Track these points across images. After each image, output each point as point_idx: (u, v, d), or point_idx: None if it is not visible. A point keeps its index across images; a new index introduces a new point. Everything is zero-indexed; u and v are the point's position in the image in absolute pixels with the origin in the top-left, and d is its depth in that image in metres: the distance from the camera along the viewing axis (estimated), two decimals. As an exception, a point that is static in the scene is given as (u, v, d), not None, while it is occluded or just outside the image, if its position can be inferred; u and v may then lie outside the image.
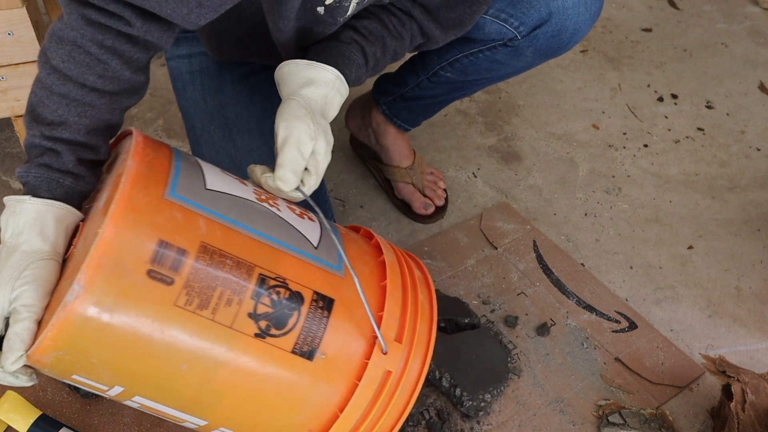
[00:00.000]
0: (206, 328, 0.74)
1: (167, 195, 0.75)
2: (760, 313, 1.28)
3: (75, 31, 0.81)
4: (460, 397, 1.10)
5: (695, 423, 1.12)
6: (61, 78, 0.82)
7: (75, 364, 0.74)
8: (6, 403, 1.05)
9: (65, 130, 0.83)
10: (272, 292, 0.77)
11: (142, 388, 0.78)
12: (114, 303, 0.70)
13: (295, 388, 0.79)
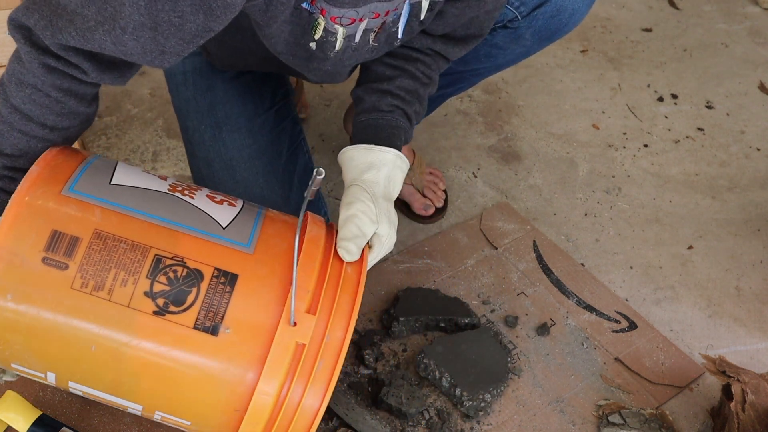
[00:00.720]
0: (104, 308, 0.79)
1: (65, 191, 0.82)
2: (760, 313, 1.28)
3: (35, 77, 0.83)
4: (460, 397, 1.10)
5: (695, 423, 1.12)
6: (23, 118, 0.85)
7: (5, 352, 0.82)
8: (6, 403, 1.05)
9: (25, 161, 0.87)
10: (169, 270, 0.80)
11: (68, 372, 0.83)
12: (16, 290, 0.78)
13: (205, 365, 0.80)
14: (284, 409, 0.80)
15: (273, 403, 0.79)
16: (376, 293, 1.30)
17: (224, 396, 0.81)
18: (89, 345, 0.80)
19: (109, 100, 1.74)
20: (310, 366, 0.80)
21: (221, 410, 0.82)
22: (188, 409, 0.84)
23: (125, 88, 1.78)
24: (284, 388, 0.79)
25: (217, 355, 0.79)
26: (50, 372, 0.84)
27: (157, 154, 1.60)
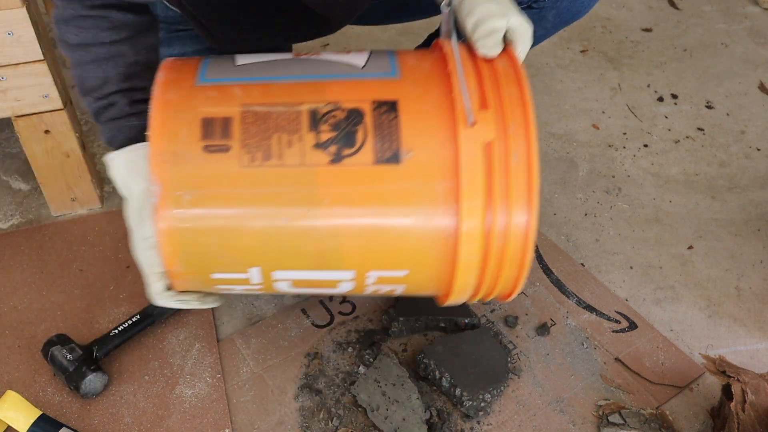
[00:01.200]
0: (281, 174, 0.78)
1: (198, 82, 0.83)
2: (760, 313, 1.28)
3: (69, 8, 0.89)
4: (460, 397, 1.10)
5: (695, 423, 1.12)
6: (83, 48, 0.90)
7: (202, 261, 0.82)
8: (6, 403, 1.05)
9: (110, 85, 0.91)
10: (328, 117, 0.79)
11: (269, 260, 0.82)
12: (190, 187, 0.78)
13: (398, 196, 0.77)
14: (496, 213, 0.76)
15: (482, 206, 0.76)
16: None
17: (430, 221, 0.77)
18: (280, 219, 0.78)
19: (109, 100, 1.74)
20: (504, 163, 0.76)
21: (433, 238, 0.78)
22: (400, 255, 0.80)
23: (125, 88, 1.77)
24: (487, 192, 0.75)
25: (409, 181, 0.76)
26: (252, 267, 0.83)
27: (157, 154, 1.60)
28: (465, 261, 0.79)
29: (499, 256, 0.80)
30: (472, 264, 0.80)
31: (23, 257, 1.36)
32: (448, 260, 0.80)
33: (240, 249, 0.82)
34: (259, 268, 0.84)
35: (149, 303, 1.25)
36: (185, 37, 1.20)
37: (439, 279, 0.83)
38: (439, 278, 0.83)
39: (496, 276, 0.83)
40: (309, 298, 1.29)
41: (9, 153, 1.60)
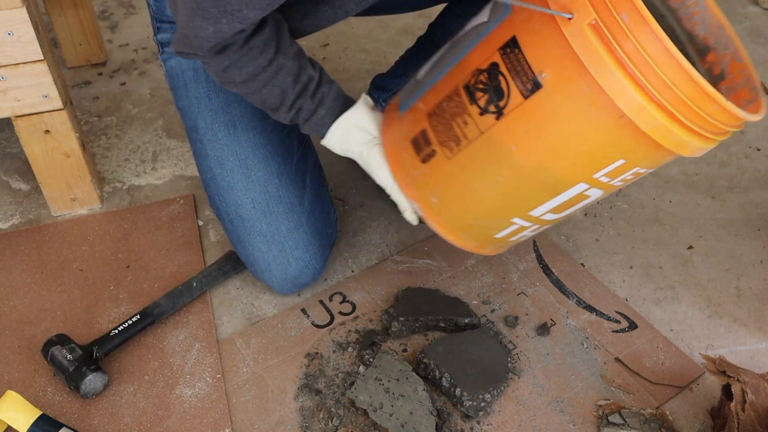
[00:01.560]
0: (473, 149, 0.96)
1: (399, 114, 1.06)
2: (760, 313, 1.28)
3: (222, 60, 0.98)
4: (460, 397, 1.10)
5: (695, 423, 1.12)
6: (251, 80, 1.02)
7: (467, 232, 1.08)
8: (6, 403, 1.05)
9: (289, 96, 1.05)
10: (477, 84, 0.94)
11: (519, 208, 1.02)
12: (432, 191, 1.03)
13: (559, 111, 0.88)
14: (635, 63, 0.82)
15: (620, 72, 0.82)
16: (376, 293, 1.30)
17: (607, 112, 0.85)
18: (497, 179, 0.97)
19: (109, 100, 1.75)
20: (616, 24, 0.81)
21: (613, 122, 0.85)
22: (599, 153, 0.90)
23: (125, 89, 1.78)
24: (616, 59, 0.82)
25: (557, 95, 0.86)
26: (513, 218, 1.04)
27: (157, 154, 1.60)
28: (648, 118, 0.85)
29: (666, 85, 0.84)
30: (657, 116, 0.85)
31: (23, 257, 1.36)
32: (639, 131, 0.86)
33: (490, 215, 1.03)
34: (518, 218, 1.03)
35: (149, 303, 1.25)
36: None
37: (654, 145, 0.89)
38: (654, 144, 0.88)
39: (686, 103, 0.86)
40: (309, 298, 1.29)
41: (9, 153, 1.60)
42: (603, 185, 0.96)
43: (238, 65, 0.99)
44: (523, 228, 1.06)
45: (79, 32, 1.77)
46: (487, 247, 1.13)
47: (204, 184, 1.27)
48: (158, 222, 1.43)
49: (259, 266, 1.24)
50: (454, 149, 0.98)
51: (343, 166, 1.55)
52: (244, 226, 1.22)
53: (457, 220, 1.06)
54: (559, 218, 1.05)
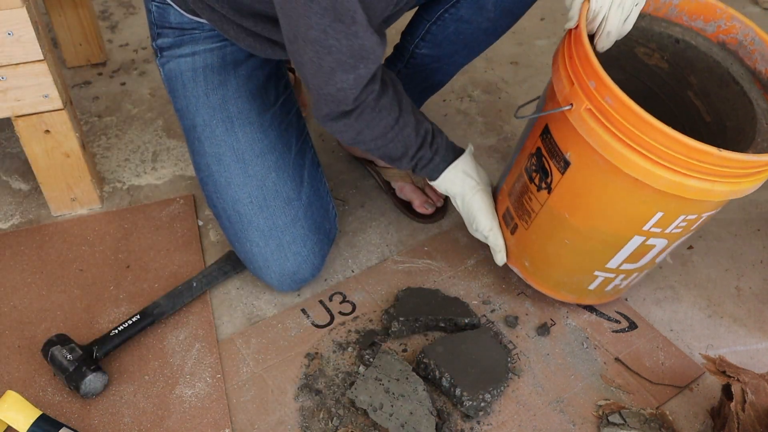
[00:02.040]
0: (541, 220, 1.13)
1: (497, 193, 1.26)
2: (760, 313, 1.28)
3: (357, 125, 1.08)
4: (461, 397, 1.10)
5: (695, 423, 1.12)
6: (381, 138, 1.12)
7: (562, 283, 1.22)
8: (6, 403, 1.05)
9: (411, 149, 1.16)
10: (530, 167, 1.12)
11: (586, 268, 1.17)
12: (523, 255, 1.22)
13: (590, 184, 1.03)
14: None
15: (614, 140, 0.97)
16: (376, 293, 1.30)
17: (622, 178, 0.99)
18: (564, 242, 1.13)
19: (109, 100, 1.74)
20: (603, 102, 0.95)
21: (631, 185, 0.99)
22: (633, 206, 1.02)
23: (125, 89, 1.78)
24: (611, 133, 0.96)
25: (585, 167, 1.02)
26: (596, 271, 1.16)
27: (157, 154, 1.60)
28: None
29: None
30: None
31: (23, 257, 1.36)
32: (657, 189, 0.99)
33: (573, 271, 1.18)
34: (598, 271, 1.15)
35: (149, 303, 1.25)
36: (198, 39, 1.21)
37: (678, 197, 1.00)
38: (677, 197, 1.00)
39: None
40: (309, 298, 1.29)
41: (9, 153, 1.60)
42: (660, 235, 1.06)
43: (371, 126, 1.08)
44: (610, 279, 1.17)
45: (79, 32, 1.77)
46: (587, 298, 1.24)
47: (201, 183, 1.27)
48: (158, 222, 1.43)
49: (257, 263, 1.24)
50: (528, 221, 1.15)
51: (343, 166, 1.55)
52: (241, 222, 1.23)
53: (549, 279, 1.21)
54: (640, 266, 1.15)
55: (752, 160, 0.94)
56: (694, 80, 1.14)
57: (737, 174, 0.95)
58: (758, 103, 1.06)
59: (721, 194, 0.97)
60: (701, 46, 1.12)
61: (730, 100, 1.10)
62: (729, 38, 1.11)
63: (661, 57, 1.15)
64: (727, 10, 1.11)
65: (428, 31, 1.29)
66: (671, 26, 1.13)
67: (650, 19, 1.12)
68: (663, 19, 1.13)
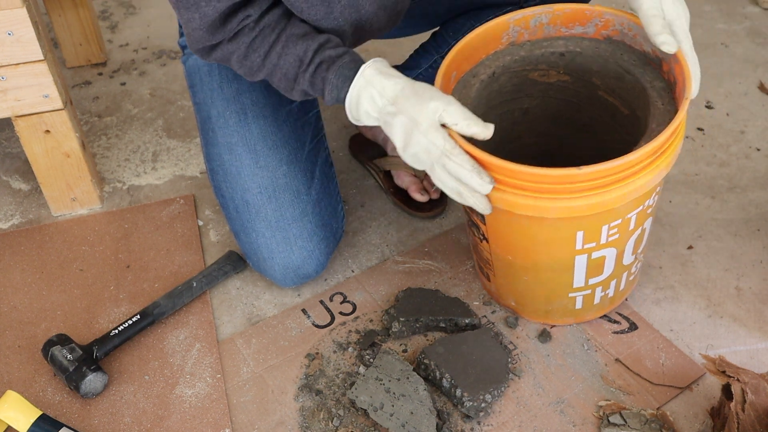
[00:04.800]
0: (496, 264, 1.16)
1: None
2: (760, 313, 1.28)
3: (238, 48, 1.06)
4: (461, 398, 1.10)
5: (695, 423, 1.12)
6: (268, 58, 1.06)
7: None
8: (6, 403, 1.05)
9: (306, 55, 1.04)
10: (469, 223, 1.15)
11: (559, 293, 1.17)
12: (497, 293, 1.25)
13: (505, 226, 1.07)
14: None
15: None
16: (376, 293, 1.30)
17: (515, 214, 1.01)
18: (524, 279, 1.15)
19: (109, 100, 1.74)
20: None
21: (529, 218, 1.01)
22: (552, 235, 1.05)
23: (125, 89, 1.78)
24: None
25: (491, 214, 1.03)
26: (570, 294, 1.16)
27: (157, 154, 1.60)
28: None
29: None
30: None
31: (23, 257, 1.36)
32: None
33: (550, 299, 1.19)
34: (571, 293, 1.16)
35: (149, 303, 1.25)
36: None
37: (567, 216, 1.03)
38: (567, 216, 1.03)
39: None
40: (309, 299, 1.29)
41: (9, 153, 1.60)
42: (600, 247, 1.07)
43: (253, 47, 1.05)
44: (590, 295, 1.17)
45: (79, 32, 1.77)
46: (584, 315, 1.23)
47: (211, 173, 1.28)
48: (158, 222, 1.43)
49: (261, 254, 1.24)
50: (491, 269, 1.18)
51: (343, 166, 1.55)
52: (249, 212, 1.23)
53: (537, 310, 1.22)
54: (610, 275, 1.14)
55: (615, 166, 0.94)
56: (598, 81, 1.16)
57: (618, 179, 0.96)
58: (653, 85, 1.07)
59: (618, 199, 0.98)
60: (587, 50, 1.14)
61: (630, 91, 1.12)
62: (611, 31, 1.13)
63: (558, 72, 1.17)
64: (595, 8, 1.12)
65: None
66: (553, 42, 1.15)
67: (530, 45, 1.15)
68: (544, 39, 1.15)
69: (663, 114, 1.03)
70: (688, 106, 0.98)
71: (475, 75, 1.14)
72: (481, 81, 1.13)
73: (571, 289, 1.15)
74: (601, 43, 1.13)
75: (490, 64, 1.14)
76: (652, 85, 1.07)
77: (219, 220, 1.44)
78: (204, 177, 1.53)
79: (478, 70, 1.14)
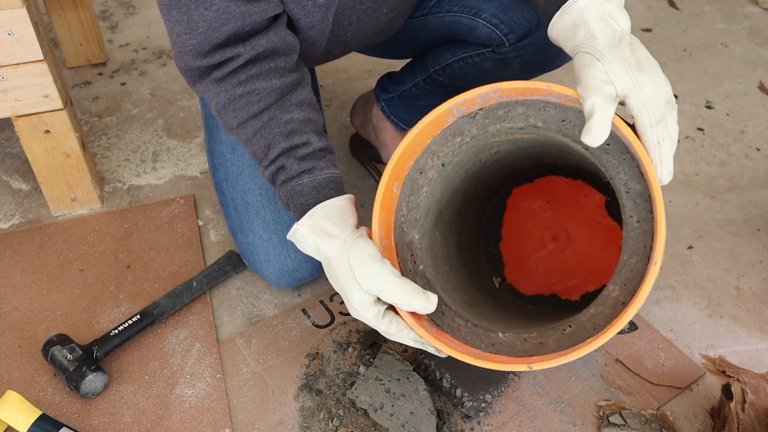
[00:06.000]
0: None
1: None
2: (760, 313, 1.28)
3: (221, 92, 1.00)
4: (461, 398, 1.10)
5: (695, 423, 1.12)
6: (243, 126, 1.02)
7: None
8: (6, 403, 1.05)
9: (274, 149, 1.00)
10: None
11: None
12: None
13: None
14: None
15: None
16: (376, 293, 1.30)
17: None
18: None
19: (109, 100, 1.74)
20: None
21: None
22: None
23: (125, 89, 1.78)
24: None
25: None
26: None
27: (157, 154, 1.60)
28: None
29: None
30: None
31: (23, 257, 1.36)
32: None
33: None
34: None
35: (149, 303, 1.25)
36: None
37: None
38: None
39: None
40: (309, 299, 1.29)
41: (9, 153, 1.60)
42: None
43: (236, 107, 1.01)
44: None
45: (79, 32, 1.77)
46: None
47: (213, 170, 1.28)
48: (158, 222, 1.43)
49: (258, 256, 1.24)
50: None
51: (343, 166, 1.55)
52: (248, 212, 1.23)
53: None
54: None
55: (565, 357, 0.87)
56: (569, 157, 1.02)
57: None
58: (628, 189, 0.88)
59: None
60: (551, 123, 0.92)
61: (607, 184, 1.03)
62: (578, 104, 0.88)
63: (523, 136, 0.98)
64: (553, 89, 0.88)
65: (450, 65, 1.29)
66: (511, 110, 0.94)
67: (482, 115, 0.96)
68: (498, 105, 0.95)
69: (637, 238, 0.86)
70: (657, 272, 0.82)
71: (421, 171, 0.99)
72: (430, 179, 0.99)
73: None
74: (569, 112, 0.90)
75: (438, 150, 0.98)
76: (628, 189, 0.87)
77: (219, 220, 1.44)
78: (204, 177, 1.53)
79: (424, 163, 0.99)
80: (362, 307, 0.92)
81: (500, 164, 1.10)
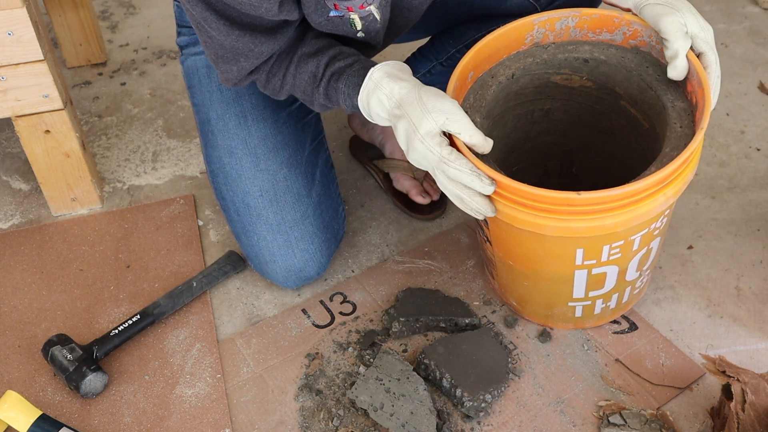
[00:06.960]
0: (498, 266, 1.17)
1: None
2: (760, 313, 1.28)
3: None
4: (461, 398, 1.10)
5: (695, 423, 1.12)
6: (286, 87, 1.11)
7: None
8: (6, 403, 1.05)
9: (319, 69, 1.07)
10: (477, 223, 1.14)
11: (558, 301, 1.18)
12: (500, 292, 1.27)
13: (506, 235, 1.07)
14: None
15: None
16: (376, 293, 1.30)
17: (518, 228, 1.01)
18: (524, 284, 1.16)
19: (109, 100, 1.74)
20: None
21: (530, 232, 1.01)
22: (551, 249, 1.05)
23: (125, 88, 1.78)
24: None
25: (495, 222, 1.03)
26: (569, 303, 1.15)
27: (157, 154, 1.60)
28: None
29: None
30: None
31: (23, 257, 1.36)
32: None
33: (550, 306, 1.20)
34: (571, 302, 1.16)
35: (149, 303, 1.25)
36: None
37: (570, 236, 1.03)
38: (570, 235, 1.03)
39: None
40: (309, 299, 1.29)
41: (9, 153, 1.60)
42: (600, 264, 1.06)
43: (273, 72, 1.09)
44: (590, 306, 1.16)
45: (79, 32, 1.77)
46: (584, 323, 1.22)
47: (211, 175, 1.28)
48: (158, 222, 1.43)
49: (263, 257, 1.24)
50: (494, 269, 1.19)
51: (343, 166, 1.55)
52: (250, 215, 1.23)
53: (537, 313, 1.22)
54: (611, 289, 1.13)
55: (615, 195, 0.93)
56: (621, 90, 1.13)
57: (619, 206, 0.95)
58: (674, 105, 1.05)
59: (619, 224, 0.97)
60: (612, 58, 1.11)
61: (652, 107, 1.09)
62: (639, 41, 1.10)
63: (581, 78, 1.15)
64: (624, 16, 1.09)
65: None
66: (579, 47, 1.13)
67: (554, 47, 1.13)
68: (569, 42, 1.13)
69: (679, 138, 1.01)
70: (702, 136, 0.97)
71: (493, 75, 1.12)
72: (499, 83, 1.11)
73: (570, 299, 1.14)
74: (628, 52, 1.10)
75: (511, 65, 1.12)
76: (674, 105, 1.04)
77: (219, 220, 1.44)
78: (204, 177, 1.53)
79: (497, 71, 1.12)
80: (428, 136, 0.96)
81: (556, 117, 1.23)
